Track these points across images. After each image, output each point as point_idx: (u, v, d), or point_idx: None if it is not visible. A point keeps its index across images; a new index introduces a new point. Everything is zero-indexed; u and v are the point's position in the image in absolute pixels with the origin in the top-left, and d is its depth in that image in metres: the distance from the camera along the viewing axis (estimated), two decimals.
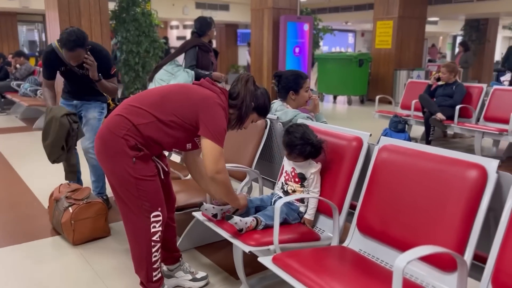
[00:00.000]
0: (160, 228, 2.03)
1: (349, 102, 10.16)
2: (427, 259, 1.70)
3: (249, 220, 2.01)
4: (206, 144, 1.91)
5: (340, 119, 8.31)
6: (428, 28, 11.65)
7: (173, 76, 3.98)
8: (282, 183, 2.29)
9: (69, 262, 2.63)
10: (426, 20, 10.59)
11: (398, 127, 5.36)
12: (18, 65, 8.09)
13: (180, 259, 2.39)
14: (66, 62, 3.05)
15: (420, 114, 5.67)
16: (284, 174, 2.29)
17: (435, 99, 5.55)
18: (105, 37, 5.96)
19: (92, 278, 2.45)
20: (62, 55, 3.02)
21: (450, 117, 5.30)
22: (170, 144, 2.02)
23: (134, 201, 1.97)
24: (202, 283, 2.36)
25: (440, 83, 5.59)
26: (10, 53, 9.17)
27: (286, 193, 2.25)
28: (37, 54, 10.94)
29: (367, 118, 7.93)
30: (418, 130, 6.52)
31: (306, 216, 2.20)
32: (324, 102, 10.55)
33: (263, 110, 2.11)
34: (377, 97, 6.47)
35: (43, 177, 4.17)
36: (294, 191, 2.22)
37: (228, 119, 2.04)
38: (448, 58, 17.66)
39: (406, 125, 5.55)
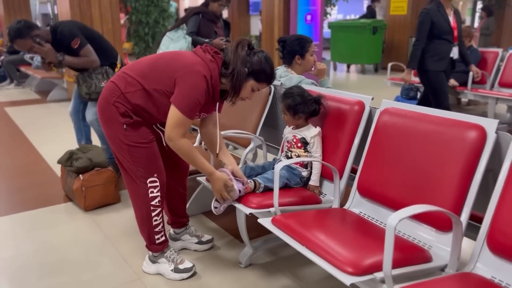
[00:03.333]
0: (159, 194, 2.06)
1: (363, 71, 10.00)
2: (423, 219, 1.71)
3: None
4: (171, 110, 1.87)
5: (352, 88, 8.20)
6: None
7: (172, 41, 3.99)
8: (286, 151, 2.31)
9: (81, 226, 2.73)
10: None
11: (410, 94, 5.30)
12: None
13: (187, 223, 2.45)
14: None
15: None
16: (286, 144, 2.31)
17: None
18: (114, 7, 5.92)
19: (102, 241, 2.54)
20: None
21: (464, 83, 5.19)
22: (158, 114, 1.98)
23: (130, 167, 2.01)
24: (208, 245, 2.43)
25: None
26: None
27: (290, 158, 2.27)
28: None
29: (380, 87, 7.82)
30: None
31: (311, 182, 2.22)
32: (337, 72, 10.40)
33: (261, 75, 1.94)
34: (389, 65, 6.36)
35: (57, 146, 4.27)
36: (298, 156, 2.23)
37: (222, 90, 1.97)
38: (468, 24, 17.09)
39: (418, 92, 5.47)
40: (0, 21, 12.34)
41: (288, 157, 2.28)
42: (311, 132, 2.21)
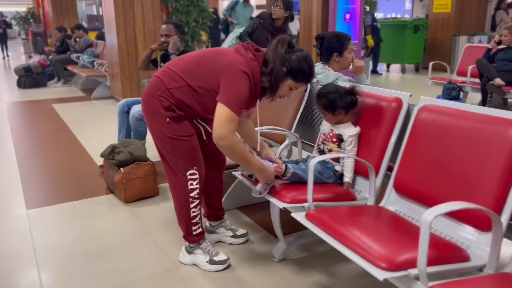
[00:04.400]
0: (198, 186, 2.11)
1: (403, 71, 9.76)
2: (462, 218, 1.67)
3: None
4: (218, 109, 1.88)
5: (392, 87, 7.97)
6: None
7: (233, 34, 4.44)
8: (320, 143, 2.31)
9: (121, 217, 2.83)
10: None
11: (452, 94, 5.14)
12: (77, 38, 8.51)
13: (223, 217, 2.50)
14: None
15: (477, 80, 5.37)
16: (321, 136, 2.31)
17: (494, 64, 5.22)
18: (156, 8, 6.10)
19: (141, 232, 2.63)
20: None
21: (511, 83, 4.98)
22: (201, 109, 2.03)
23: (171, 159, 2.08)
24: (242, 239, 2.46)
25: (501, 46, 5.24)
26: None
27: (322, 152, 2.27)
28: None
29: (420, 86, 7.62)
30: (475, 97, 6.18)
31: (345, 179, 2.21)
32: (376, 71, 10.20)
33: (299, 75, 1.95)
34: (431, 64, 6.19)
35: (99, 141, 4.43)
36: (330, 151, 2.24)
37: (261, 87, 1.99)
38: None
39: (461, 92, 5.30)
40: (49, 22, 12.96)
41: (320, 150, 2.29)
42: (350, 131, 2.19)
